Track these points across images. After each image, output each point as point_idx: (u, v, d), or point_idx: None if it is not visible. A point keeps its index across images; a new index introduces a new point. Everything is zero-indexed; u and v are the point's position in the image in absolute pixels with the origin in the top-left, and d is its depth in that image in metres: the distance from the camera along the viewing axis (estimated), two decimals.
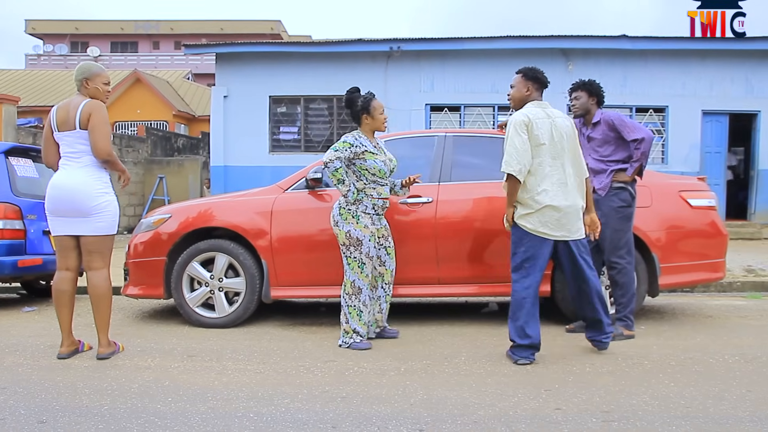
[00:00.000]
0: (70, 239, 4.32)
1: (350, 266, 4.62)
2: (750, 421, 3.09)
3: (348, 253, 4.61)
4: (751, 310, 6.08)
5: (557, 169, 4.17)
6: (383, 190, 4.71)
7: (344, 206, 4.62)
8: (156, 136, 18.24)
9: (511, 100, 4.47)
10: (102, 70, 4.42)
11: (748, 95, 13.49)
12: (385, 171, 4.66)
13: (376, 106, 4.73)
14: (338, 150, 4.56)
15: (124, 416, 3.18)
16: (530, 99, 4.35)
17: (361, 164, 4.61)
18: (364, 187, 4.63)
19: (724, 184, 13.91)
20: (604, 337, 4.39)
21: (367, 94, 4.77)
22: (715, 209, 5.52)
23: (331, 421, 3.11)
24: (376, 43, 14.02)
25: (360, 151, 4.60)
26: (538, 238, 4.15)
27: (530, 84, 4.36)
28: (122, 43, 40.87)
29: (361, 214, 4.60)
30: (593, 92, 5.00)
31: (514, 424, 3.06)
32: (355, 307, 4.62)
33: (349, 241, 4.58)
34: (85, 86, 4.33)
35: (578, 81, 5.09)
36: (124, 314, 6.05)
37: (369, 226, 4.61)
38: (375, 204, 4.66)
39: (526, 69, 4.42)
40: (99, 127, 4.20)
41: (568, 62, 13.50)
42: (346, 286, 4.64)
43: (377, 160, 4.63)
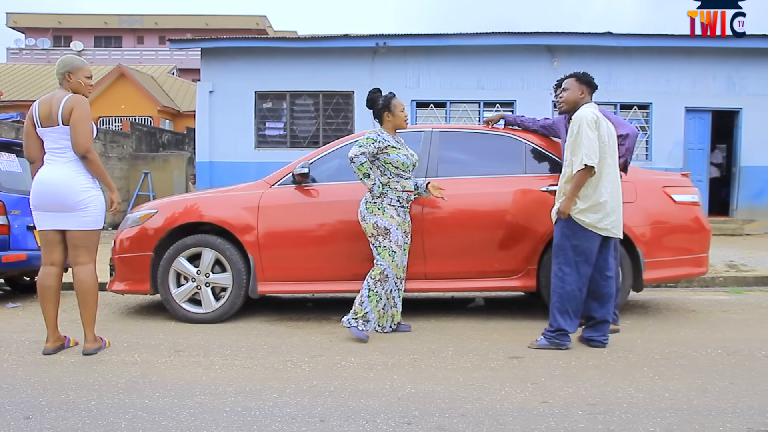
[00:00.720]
0: (56, 234, 4.30)
1: (381, 256, 4.71)
2: (732, 412, 3.14)
3: (377, 243, 4.71)
4: (733, 304, 6.16)
5: (613, 167, 4.38)
6: (407, 184, 4.81)
7: (370, 200, 4.75)
8: (141, 131, 18.12)
9: (564, 102, 4.63)
10: (84, 64, 4.37)
11: (730, 93, 13.63)
12: (408, 164, 4.78)
13: (396, 104, 4.91)
14: (362, 146, 4.70)
15: (111, 411, 3.17)
16: (584, 102, 4.54)
17: (385, 158, 4.73)
18: (388, 180, 4.75)
19: (707, 180, 14.05)
20: (603, 337, 4.48)
21: (389, 93, 4.97)
22: (698, 205, 5.57)
23: (319, 415, 3.12)
24: (362, 39, 14.00)
25: (383, 146, 4.73)
26: (591, 233, 4.30)
27: (584, 87, 4.56)
28: (106, 38, 40.47)
29: (387, 206, 4.72)
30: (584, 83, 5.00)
31: (501, 417, 3.08)
32: (377, 293, 4.71)
33: (377, 231, 4.69)
34: (68, 80, 4.29)
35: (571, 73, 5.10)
36: (110, 310, 6.02)
37: (395, 216, 4.72)
38: (399, 196, 4.77)
39: (579, 73, 4.62)
40: (80, 122, 4.16)
41: (553, 59, 13.55)
42: (374, 272, 4.71)
43: (400, 154, 4.75)
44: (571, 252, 4.33)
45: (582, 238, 4.31)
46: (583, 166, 4.21)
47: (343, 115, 13.84)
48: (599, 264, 4.42)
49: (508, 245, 5.24)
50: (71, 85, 4.29)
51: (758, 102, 13.53)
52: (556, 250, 4.42)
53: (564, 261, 4.35)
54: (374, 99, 4.97)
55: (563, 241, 4.36)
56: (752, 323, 5.28)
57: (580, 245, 4.32)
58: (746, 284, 7.46)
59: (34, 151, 4.34)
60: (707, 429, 2.93)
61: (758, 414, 3.11)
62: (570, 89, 4.57)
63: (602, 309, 4.46)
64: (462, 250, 5.22)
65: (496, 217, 5.25)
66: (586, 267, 4.35)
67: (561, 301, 4.36)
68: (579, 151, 4.24)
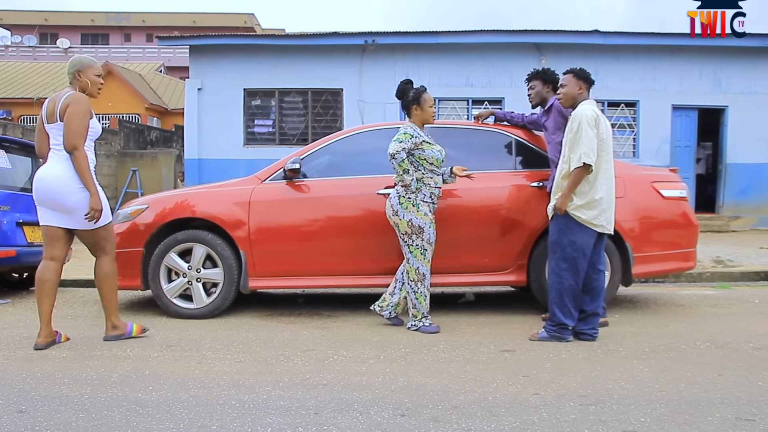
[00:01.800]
0: (57, 230, 4.30)
1: (413, 254, 4.75)
2: (721, 403, 3.18)
3: (410, 241, 4.74)
4: (720, 299, 6.23)
5: (609, 164, 4.43)
6: (438, 179, 4.85)
7: (404, 195, 4.75)
8: (129, 128, 18.02)
9: (562, 98, 4.64)
10: (94, 63, 4.42)
11: (716, 91, 13.75)
12: (440, 159, 4.82)
13: (426, 99, 4.90)
14: (402, 141, 4.69)
15: (105, 405, 3.17)
16: (582, 97, 4.56)
17: (420, 154, 4.76)
18: (422, 176, 4.77)
19: (694, 177, 14.17)
20: (594, 330, 4.54)
21: (420, 87, 4.96)
22: (686, 200, 5.63)
23: (313, 407, 3.14)
24: (351, 37, 14.00)
25: (419, 141, 4.75)
26: (588, 229, 4.37)
27: (582, 83, 4.59)
28: (93, 35, 40.22)
29: (421, 203, 4.74)
30: (548, 80, 5.09)
31: (494, 408, 3.11)
32: (422, 292, 4.78)
33: (411, 229, 4.71)
34: (77, 78, 4.33)
35: (533, 70, 5.22)
36: (100, 306, 5.94)
37: (428, 213, 4.75)
38: (432, 192, 4.80)
39: (576, 69, 4.65)
40: (72, 119, 4.18)
41: (541, 56, 13.62)
42: (410, 274, 4.77)
43: (434, 150, 4.79)
44: (568, 248, 4.38)
45: (578, 234, 4.37)
46: (581, 164, 4.26)
47: (332, 113, 13.84)
48: (592, 258, 4.48)
49: (498, 240, 5.27)
50: (80, 84, 4.33)
51: (744, 100, 13.66)
52: (553, 247, 4.46)
53: (561, 257, 4.40)
54: (405, 90, 4.96)
55: (560, 238, 4.41)
56: (739, 317, 5.35)
57: (576, 241, 4.37)
58: (733, 279, 7.55)
59: (42, 148, 4.38)
60: (697, 419, 2.96)
61: (746, 404, 3.15)
62: (568, 85, 4.60)
63: (593, 303, 4.52)
64: (453, 246, 5.24)
65: (487, 212, 5.27)
66: (582, 262, 4.40)
67: (559, 296, 4.41)
68: (577, 148, 4.28)
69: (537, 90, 5.14)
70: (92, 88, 4.37)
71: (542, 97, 5.15)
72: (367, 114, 13.59)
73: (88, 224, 4.27)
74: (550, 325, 4.48)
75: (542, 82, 5.12)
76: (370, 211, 5.26)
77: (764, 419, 2.96)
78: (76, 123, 4.19)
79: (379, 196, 5.20)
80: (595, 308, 4.53)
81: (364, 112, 13.64)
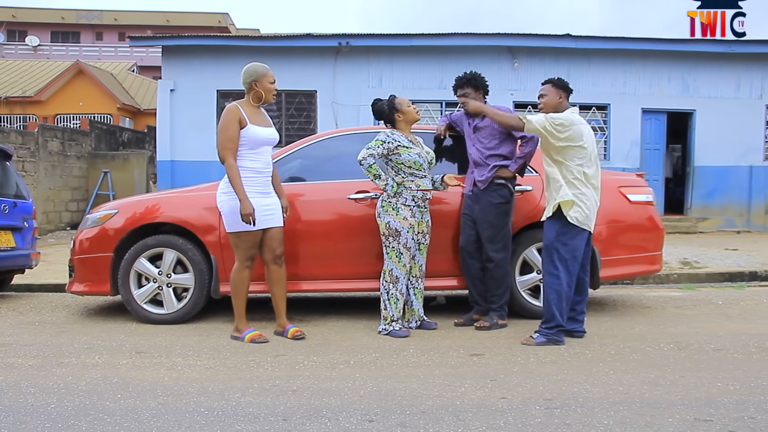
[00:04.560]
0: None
1: (389, 256, 4.83)
2: (681, 404, 3.27)
3: (387, 243, 4.83)
4: (686, 300, 6.35)
5: (596, 167, 4.58)
6: (422, 182, 4.88)
7: (386, 199, 4.85)
8: (100, 129, 17.80)
9: (543, 107, 4.73)
10: (267, 70, 4.67)
11: (685, 94, 14.00)
12: (421, 163, 4.85)
13: (401, 101, 4.98)
14: (370, 148, 4.81)
15: (71, 414, 3.15)
16: (563, 106, 4.66)
17: (397, 159, 4.83)
18: (403, 180, 4.83)
19: (663, 179, 14.41)
20: (583, 327, 4.77)
21: (390, 96, 5.02)
22: (652, 204, 5.74)
23: (282, 414, 3.15)
24: (324, 38, 14.02)
25: (393, 146, 4.81)
26: (581, 230, 4.49)
27: (561, 92, 4.69)
28: (63, 33, 39.66)
29: (401, 206, 4.80)
30: (479, 86, 5.13)
31: (461, 413, 3.15)
32: (393, 295, 4.83)
33: (389, 231, 4.80)
34: (254, 88, 4.63)
35: (462, 76, 5.18)
36: (69, 312, 5.95)
37: (408, 218, 4.80)
38: (414, 196, 4.83)
39: (555, 79, 4.76)
40: (219, 131, 4.60)
41: (514, 60, 13.76)
42: (385, 275, 4.86)
43: (411, 153, 4.82)
44: (563, 250, 4.48)
45: (573, 236, 4.48)
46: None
47: (305, 115, 13.83)
48: (582, 260, 4.63)
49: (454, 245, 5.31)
50: (256, 93, 4.63)
51: (711, 104, 13.92)
52: (549, 249, 4.54)
53: (558, 258, 4.49)
54: (380, 109, 5.03)
55: (556, 240, 4.50)
56: (703, 318, 5.47)
57: (571, 243, 4.48)
58: (699, 281, 7.70)
59: None
60: (657, 420, 3.04)
61: (705, 405, 3.24)
62: (548, 95, 4.69)
63: (584, 301, 4.72)
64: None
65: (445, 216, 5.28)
66: (575, 264, 4.52)
67: (559, 298, 4.48)
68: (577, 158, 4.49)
69: (471, 97, 5.10)
70: (267, 95, 4.65)
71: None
72: (341, 116, 13.62)
73: (226, 226, 4.67)
74: (546, 328, 4.52)
75: (474, 89, 5.12)
76: (342, 216, 5.29)
77: (721, 419, 3.04)
78: (221, 136, 4.55)
79: (350, 200, 5.23)
80: (584, 307, 4.74)
81: (338, 114, 13.66)
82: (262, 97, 4.65)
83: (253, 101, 4.67)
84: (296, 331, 4.77)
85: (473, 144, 5.10)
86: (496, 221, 4.99)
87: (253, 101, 4.67)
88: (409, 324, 5.01)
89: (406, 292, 4.93)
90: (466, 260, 5.15)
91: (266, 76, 4.63)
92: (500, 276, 5.04)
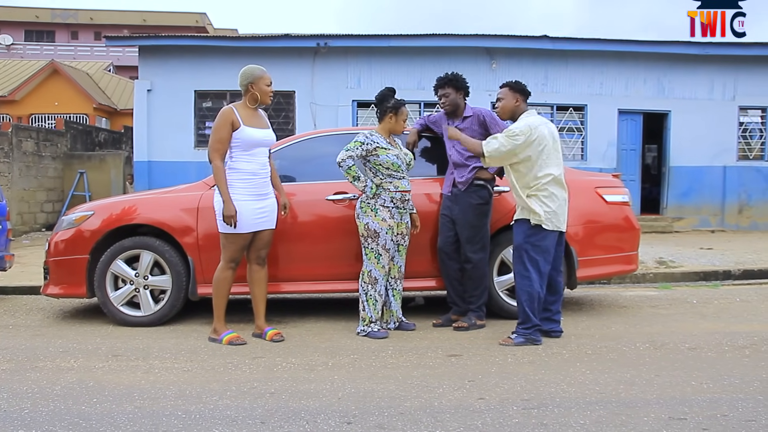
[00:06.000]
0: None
1: (367, 257, 4.85)
2: (656, 403, 3.31)
3: (366, 244, 4.84)
4: (661, 300, 6.43)
5: (561, 167, 4.61)
6: (400, 184, 4.88)
7: (364, 200, 4.86)
8: (76, 129, 17.57)
9: (500, 111, 4.78)
10: (264, 72, 4.71)
11: (660, 96, 14.15)
12: (398, 164, 4.86)
13: (404, 112, 5.02)
14: (349, 149, 4.83)
15: (46, 419, 3.12)
16: (520, 109, 4.70)
17: (375, 160, 4.83)
18: (381, 181, 4.84)
19: (639, 180, 14.56)
20: (560, 327, 4.79)
21: (401, 99, 5.06)
22: (628, 204, 5.80)
23: (260, 416, 3.14)
24: (303, 39, 13.97)
25: (371, 148, 4.82)
26: (552, 231, 4.51)
27: (518, 95, 4.71)
28: (38, 32, 39.09)
29: (380, 208, 4.81)
30: (460, 86, 5.16)
31: (439, 414, 3.17)
32: (372, 296, 4.83)
33: (367, 232, 4.81)
34: (250, 90, 4.65)
35: (443, 77, 5.20)
36: (44, 314, 5.87)
37: (387, 219, 4.81)
38: (393, 197, 4.84)
39: (511, 82, 4.78)
40: (211, 132, 4.63)
41: (491, 61, 13.82)
42: (364, 276, 4.87)
43: (390, 154, 4.83)
44: (533, 251, 4.51)
45: (544, 237, 4.51)
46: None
47: (284, 115, 13.78)
48: (554, 259, 4.66)
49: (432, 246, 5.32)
50: (252, 96, 4.66)
51: (685, 105, 14.08)
52: (519, 251, 4.57)
53: (528, 259, 4.52)
54: (386, 96, 5.05)
55: (525, 242, 4.53)
56: (678, 317, 5.54)
57: (542, 244, 4.51)
58: (674, 280, 7.80)
59: None
60: (633, 419, 3.08)
61: (679, 404, 3.29)
62: (505, 98, 4.72)
63: (558, 301, 4.75)
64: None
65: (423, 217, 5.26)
66: (546, 265, 4.56)
67: (531, 298, 4.52)
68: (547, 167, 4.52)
69: (451, 98, 5.13)
70: (263, 97, 4.68)
71: (456, 104, 5.15)
72: (319, 117, 13.59)
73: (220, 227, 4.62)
74: (524, 328, 4.55)
75: (455, 89, 5.14)
76: (321, 217, 5.28)
77: (695, 418, 3.09)
78: (211, 138, 4.59)
79: (329, 202, 5.23)
80: (559, 306, 4.77)
81: (317, 115, 13.63)
82: (258, 99, 4.67)
83: (249, 103, 4.69)
84: (275, 333, 4.76)
85: (453, 145, 5.11)
86: (476, 222, 5.01)
87: (249, 103, 4.69)
88: (387, 325, 5.02)
89: (384, 293, 4.94)
90: (444, 261, 5.17)
91: (263, 79, 4.67)
92: (478, 277, 5.06)
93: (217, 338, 4.68)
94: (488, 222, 5.12)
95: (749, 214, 14.27)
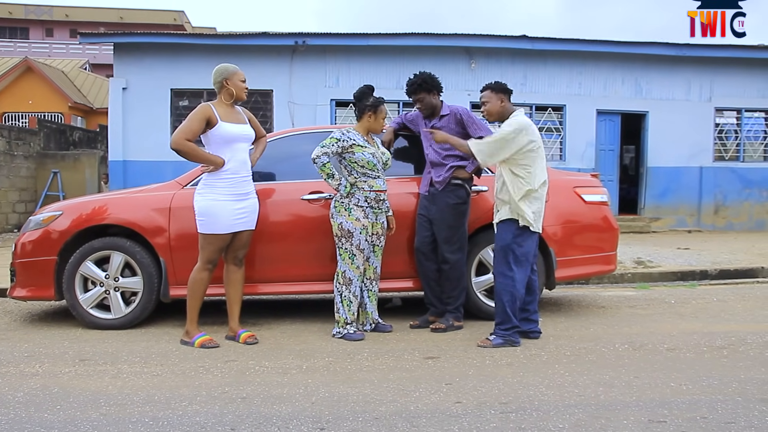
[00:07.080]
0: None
1: (342, 257, 4.76)
2: (636, 405, 3.26)
3: (340, 244, 4.75)
4: (639, 300, 6.41)
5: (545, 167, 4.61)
6: (375, 183, 4.78)
7: (338, 199, 4.77)
8: (50, 128, 17.28)
9: (487, 114, 4.71)
10: (237, 69, 4.66)
11: (638, 96, 14.22)
12: (374, 163, 4.76)
13: (383, 110, 4.92)
14: (325, 146, 4.72)
15: (4, 429, 2.99)
16: (507, 109, 4.65)
17: (350, 157, 4.74)
18: (355, 180, 4.75)
19: (617, 180, 14.62)
20: (538, 328, 4.77)
21: (380, 97, 4.95)
22: (607, 204, 5.77)
23: (230, 423, 3.04)
24: (281, 37, 13.82)
25: (347, 145, 4.72)
26: (533, 232, 4.50)
27: (502, 95, 4.67)
28: (11, 29, 38.40)
29: (354, 207, 4.72)
30: (431, 88, 5.09)
31: (415, 419, 3.09)
32: (346, 297, 4.75)
33: (341, 232, 4.72)
34: (225, 86, 4.58)
35: (413, 81, 5.10)
36: (10, 318, 5.70)
37: (361, 219, 4.72)
38: (367, 197, 4.75)
39: (492, 84, 4.73)
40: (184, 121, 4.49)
41: (471, 60, 13.79)
42: (338, 277, 4.78)
43: (365, 152, 4.73)
44: (518, 252, 4.47)
45: (527, 238, 4.49)
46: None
47: (261, 114, 13.62)
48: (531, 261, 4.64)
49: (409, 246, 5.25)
50: (228, 91, 4.59)
51: (663, 106, 14.17)
52: (505, 251, 4.51)
53: (514, 260, 4.48)
54: (365, 93, 4.93)
55: (512, 242, 4.48)
56: (656, 318, 5.52)
57: (526, 244, 4.49)
58: (652, 280, 7.80)
59: None
60: (612, 423, 3.02)
61: (658, 406, 3.24)
62: (490, 101, 4.67)
63: (535, 302, 4.73)
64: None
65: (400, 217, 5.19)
66: (526, 266, 4.53)
67: (513, 299, 4.48)
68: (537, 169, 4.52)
69: (426, 101, 5.06)
70: (239, 93, 4.59)
71: (433, 105, 5.09)
72: (297, 116, 13.46)
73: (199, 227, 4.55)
74: (502, 329, 4.50)
75: (427, 92, 5.06)
76: (296, 216, 5.18)
77: (674, 420, 3.04)
78: (183, 125, 4.45)
79: (304, 201, 5.13)
80: (536, 306, 4.75)
81: (295, 114, 13.50)
82: (233, 95, 4.59)
83: (225, 99, 4.61)
84: (248, 336, 4.65)
85: (430, 144, 5.04)
86: (453, 222, 4.95)
87: (225, 99, 4.61)
88: (363, 327, 4.93)
89: (360, 295, 4.85)
90: (421, 261, 5.10)
91: (237, 74, 4.61)
92: (456, 277, 5.00)
93: (189, 341, 4.57)
94: (466, 222, 5.05)
95: (725, 215, 14.41)
